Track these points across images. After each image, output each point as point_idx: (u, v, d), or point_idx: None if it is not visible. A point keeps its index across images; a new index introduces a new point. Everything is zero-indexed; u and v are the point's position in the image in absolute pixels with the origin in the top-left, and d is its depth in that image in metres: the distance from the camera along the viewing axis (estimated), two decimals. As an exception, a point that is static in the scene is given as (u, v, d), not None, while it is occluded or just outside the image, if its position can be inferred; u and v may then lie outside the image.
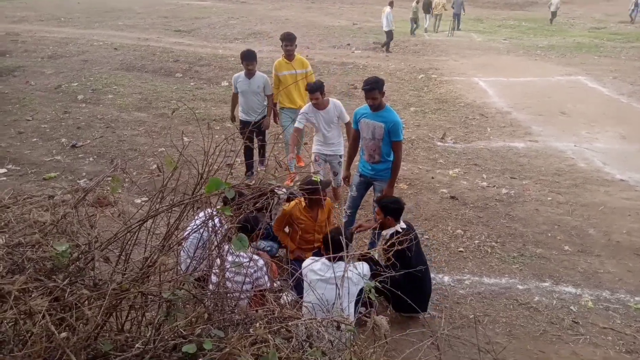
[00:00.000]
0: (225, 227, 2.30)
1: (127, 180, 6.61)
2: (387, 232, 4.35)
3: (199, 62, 13.86)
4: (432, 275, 4.93)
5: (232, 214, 2.02)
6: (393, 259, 3.43)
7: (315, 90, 5.38)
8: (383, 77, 13.05)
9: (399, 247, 3.27)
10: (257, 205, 2.35)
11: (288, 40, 6.42)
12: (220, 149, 2.63)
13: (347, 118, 5.55)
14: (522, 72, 13.25)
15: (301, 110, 5.63)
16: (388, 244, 3.80)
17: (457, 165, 7.62)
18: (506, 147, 8.34)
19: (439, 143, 8.51)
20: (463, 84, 12.32)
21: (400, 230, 4.29)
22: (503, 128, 9.25)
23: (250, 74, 6.17)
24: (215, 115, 9.43)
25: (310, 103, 5.52)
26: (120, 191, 6.29)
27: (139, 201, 6.20)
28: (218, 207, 2.16)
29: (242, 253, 3.57)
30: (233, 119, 6.57)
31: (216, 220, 2.43)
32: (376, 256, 4.19)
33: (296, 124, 5.60)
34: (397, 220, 4.32)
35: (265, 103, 6.36)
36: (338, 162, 5.70)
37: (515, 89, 11.86)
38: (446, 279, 4.94)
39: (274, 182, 2.18)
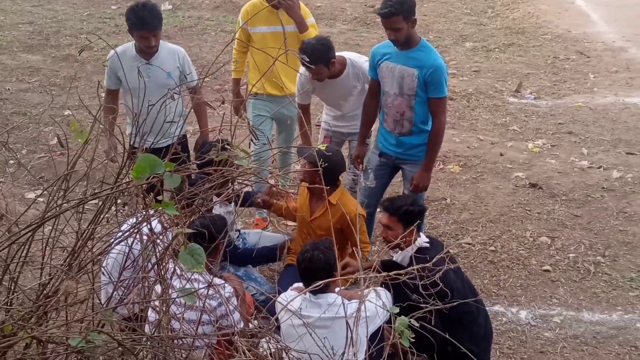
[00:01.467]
0: (170, 234, 2.30)
1: (12, 162, 6.61)
2: (402, 255, 4.25)
3: (125, -29, 13.81)
4: (501, 309, 4.98)
5: (179, 214, 2.02)
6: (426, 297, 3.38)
7: (315, 62, 4.73)
8: (421, -7, 13.14)
9: (432, 275, 3.22)
10: (220, 197, 2.35)
11: None
12: (161, 109, 2.60)
13: None
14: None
15: (301, 77, 5.23)
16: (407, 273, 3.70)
17: (540, 134, 7.61)
18: (619, 104, 8.33)
19: (511, 99, 8.50)
20: (550, 3, 12.27)
21: (427, 245, 4.21)
22: (615, 74, 9.23)
23: (149, 54, 4.88)
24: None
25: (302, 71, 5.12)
26: (1, 179, 6.31)
27: (32, 195, 6.21)
28: (157, 203, 2.16)
29: (197, 276, 3.61)
30: (112, 153, 4.66)
31: (154, 223, 2.43)
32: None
33: (299, 99, 5.26)
34: (418, 232, 4.27)
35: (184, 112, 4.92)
36: None
37: (635, 10, 11.80)
38: (523, 314, 4.95)
39: (245, 162, 2.17)
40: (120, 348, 1.89)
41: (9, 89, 8.65)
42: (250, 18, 5.33)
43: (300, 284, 4.00)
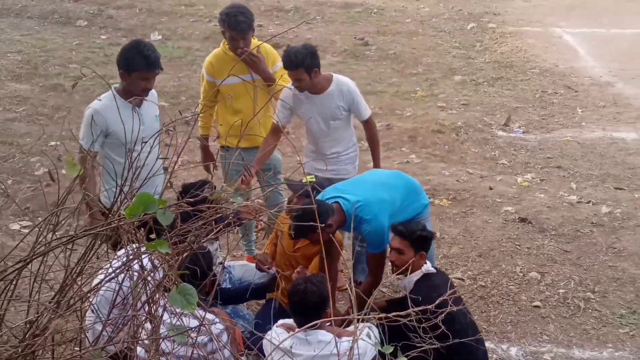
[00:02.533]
0: (161, 271, 2.28)
1: (-2, 192, 6.56)
2: (408, 280, 4.33)
3: (115, 1, 13.87)
4: (491, 345, 4.94)
5: (170, 251, 2.01)
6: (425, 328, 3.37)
7: (297, 65, 4.78)
8: (412, 25, 13.26)
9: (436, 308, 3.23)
10: (210, 235, 2.33)
11: (236, 27, 5.04)
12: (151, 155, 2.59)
13: (367, 113, 5.18)
14: (632, 19, 13.39)
15: (282, 93, 5.09)
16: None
17: (529, 168, 7.65)
18: (607, 138, 8.40)
19: (500, 132, 8.56)
20: (538, 38, 12.41)
21: (433, 271, 4.35)
22: (602, 109, 9.32)
23: (140, 99, 4.52)
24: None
25: (290, 85, 5.04)
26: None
27: (16, 226, 6.16)
28: (148, 240, 2.14)
29: (186, 312, 3.57)
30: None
31: (145, 260, 2.41)
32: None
33: (275, 117, 5.11)
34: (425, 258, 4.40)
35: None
36: None
37: (621, 46, 11.97)
38: (514, 351, 4.94)
39: (240, 199, 2.17)
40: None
41: (-4, 118, 8.64)
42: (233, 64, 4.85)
43: (287, 320, 3.97)
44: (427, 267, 4.34)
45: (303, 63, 4.80)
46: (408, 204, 4.73)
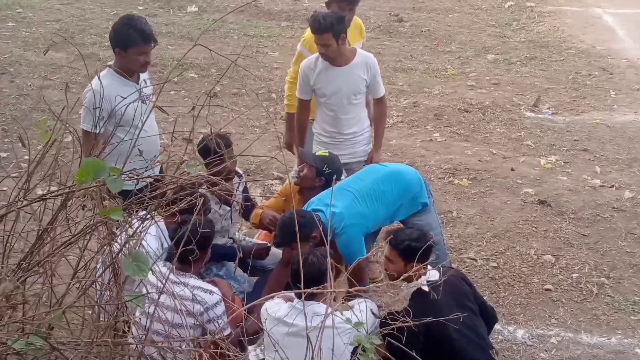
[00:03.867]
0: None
1: (26, 157, 6.64)
2: (406, 291, 4.09)
3: (155, -27, 13.92)
4: (497, 326, 4.83)
5: (124, 219, 1.98)
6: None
7: (325, 29, 4.71)
8: (448, 2, 13.01)
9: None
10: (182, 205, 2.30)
11: None
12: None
13: (383, 90, 5.17)
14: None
15: (302, 64, 5.03)
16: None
17: (554, 150, 7.47)
18: (639, 122, 8.15)
19: (528, 113, 8.37)
20: (576, 18, 12.09)
21: (425, 288, 3.90)
22: (636, 92, 9.04)
23: (138, 76, 4.53)
24: (172, 58, 9.46)
25: (317, 55, 4.94)
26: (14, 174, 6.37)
27: (40, 191, 6.26)
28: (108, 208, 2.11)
29: (187, 279, 3.62)
30: None
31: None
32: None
33: (298, 93, 5.08)
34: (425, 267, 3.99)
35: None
36: None
37: (663, 28, 11.59)
38: (520, 333, 4.87)
39: (194, 170, 2.12)
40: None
41: (30, 85, 8.75)
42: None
43: (288, 292, 3.96)
44: (424, 280, 3.95)
45: (332, 27, 4.70)
46: (401, 205, 4.57)
